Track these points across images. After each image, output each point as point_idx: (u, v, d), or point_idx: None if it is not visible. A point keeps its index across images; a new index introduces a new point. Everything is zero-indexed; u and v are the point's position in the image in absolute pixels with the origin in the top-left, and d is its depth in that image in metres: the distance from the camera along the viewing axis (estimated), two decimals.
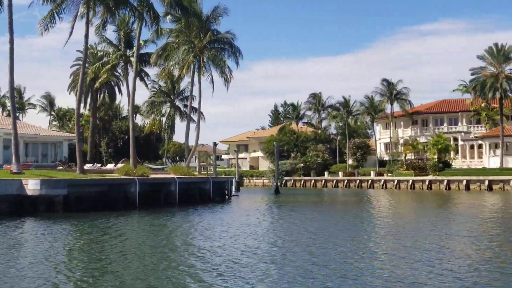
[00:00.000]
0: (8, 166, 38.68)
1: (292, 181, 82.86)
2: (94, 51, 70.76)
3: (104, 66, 63.84)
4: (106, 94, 74.59)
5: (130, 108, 47.52)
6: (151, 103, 73.88)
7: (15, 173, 33.07)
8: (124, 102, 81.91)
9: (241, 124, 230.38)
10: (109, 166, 53.26)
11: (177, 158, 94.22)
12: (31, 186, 29.14)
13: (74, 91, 72.43)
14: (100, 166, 54.41)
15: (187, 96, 70.05)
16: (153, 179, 38.29)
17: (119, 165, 46.85)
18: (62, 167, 49.57)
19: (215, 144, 60.85)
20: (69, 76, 76.48)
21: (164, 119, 76.61)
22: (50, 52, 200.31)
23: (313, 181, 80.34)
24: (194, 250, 17.07)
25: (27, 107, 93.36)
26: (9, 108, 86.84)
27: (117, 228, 23.04)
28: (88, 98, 73.31)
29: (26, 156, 55.16)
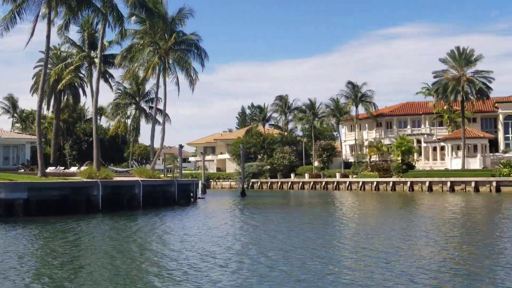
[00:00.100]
0: None
1: (259, 183, 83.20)
2: (57, 52, 69.56)
3: (68, 67, 62.73)
4: (70, 95, 73.38)
5: (93, 110, 46.88)
6: (116, 105, 72.98)
7: None
8: (89, 104, 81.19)
9: (209, 126, 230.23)
10: (73, 169, 52.37)
11: (143, 160, 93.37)
12: None
13: (36, 92, 70.90)
14: (64, 169, 53.54)
15: (152, 98, 69.58)
16: (117, 182, 37.81)
17: (83, 168, 46.15)
18: (24, 170, 48.61)
19: (181, 146, 60.52)
20: (32, 77, 75.13)
21: (129, 121, 75.92)
22: (13, 53, 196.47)
23: (279, 183, 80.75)
24: (149, 255, 16.88)
25: None
26: None
27: (74, 232, 22.68)
28: (51, 99, 72.06)
29: None
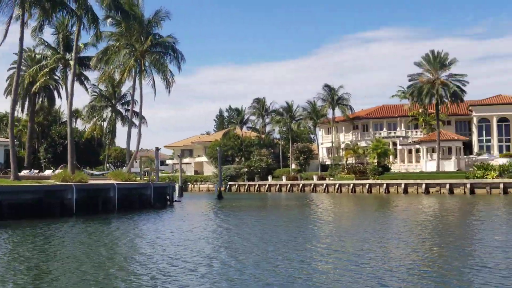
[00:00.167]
0: None
1: (237, 185, 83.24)
2: (32, 54, 68.70)
3: (42, 69, 62.01)
4: (45, 98, 72.44)
5: (68, 113, 46.43)
6: (92, 108, 72.29)
7: None
8: (64, 107, 79.85)
9: (187, 128, 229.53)
10: (47, 172, 51.78)
11: (119, 163, 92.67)
12: None
13: (10, 95, 69.97)
14: (38, 172, 52.85)
15: (128, 100, 69.10)
16: (91, 185, 37.51)
17: (57, 171, 45.68)
18: None
19: (157, 149, 60.05)
20: (6, 79, 74.11)
21: (105, 123, 75.21)
22: None
23: (257, 185, 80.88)
24: (119, 259, 16.69)
25: None
26: None
27: (44, 236, 22.39)
28: (26, 102, 71.10)
29: None
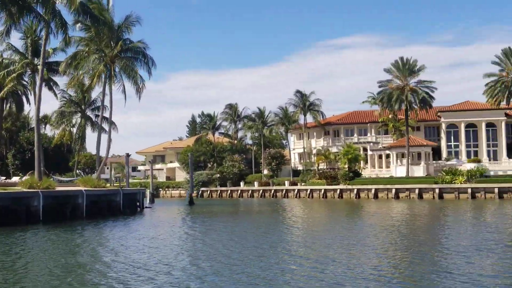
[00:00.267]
0: None
1: (209, 191, 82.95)
2: None
3: (10, 74, 60.88)
4: (13, 103, 71.18)
5: (35, 118, 45.75)
6: (61, 113, 71.30)
7: None
8: (33, 112, 78.58)
9: (159, 134, 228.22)
10: (15, 179, 51.11)
11: (89, 169, 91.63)
12: None
13: None
14: (5, 179, 52.09)
15: (99, 106, 68.33)
16: (59, 192, 36.94)
17: (25, 178, 44.98)
18: None
19: (127, 155, 59.63)
20: None
21: (74, 129, 74.29)
22: None
23: (229, 191, 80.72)
24: (77, 268, 16.39)
25: None
26: None
27: (4, 244, 21.88)
28: None
29: None
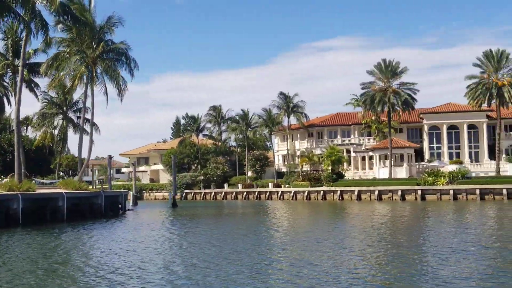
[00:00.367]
0: None
1: (193, 193, 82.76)
2: None
3: None
4: None
5: (15, 119, 45.17)
6: (42, 115, 70.52)
7: None
8: (14, 114, 77.61)
9: (145, 136, 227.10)
10: None
11: (70, 172, 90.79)
12: None
13: None
14: None
15: (81, 107, 67.70)
16: (39, 195, 36.52)
17: (5, 180, 44.38)
18: None
19: (110, 157, 59.30)
20: None
21: (56, 131, 73.47)
22: None
23: (213, 193, 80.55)
24: (46, 271, 16.10)
25: None
26: None
27: None
28: None
29: None
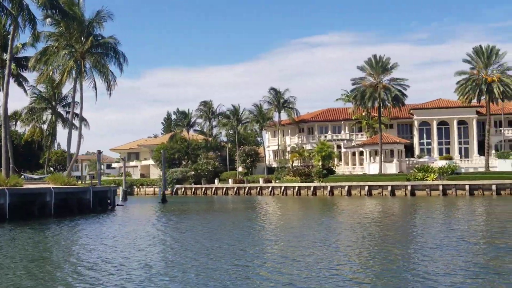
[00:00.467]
0: None
1: (183, 189, 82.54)
2: None
3: None
4: None
5: (2, 114, 44.82)
6: (31, 110, 70.06)
7: None
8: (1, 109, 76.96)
9: (137, 132, 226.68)
10: None
11: (60, 167, 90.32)
12: None
13: None
14: None
15: (70, 102, 67.31)
16: (26, 190, 36.30)
17: None
18: None
19: (99, 152, 59.01)
20: None
21: (45, 126, 72.99)
22: None
23: (203, 189, 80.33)
24: (24, 267, 15.93)
25: None
26: None
27: None
28: None
29: None
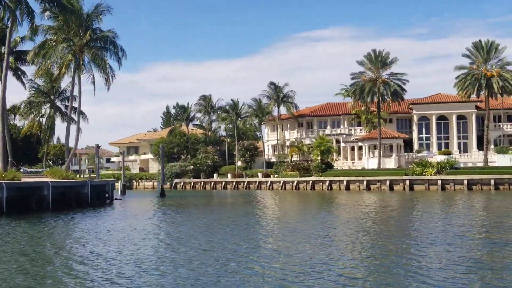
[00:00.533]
0: None
1: (182, 183, 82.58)
2: None
3: None
4: None
5: (0, 107, 44.64)
6: (30, 103, 69.94)
7: None
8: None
9: (136, 126, 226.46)
10: None
11: (59, 161, 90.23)
12: None
13: None
14: None
15: (68, 96, 67.24)
16: (24, 184, 36.37)
17: None
18: None
19: (97, 146, 58.93)
20: None
21: (44, 120, 72.89)
22: None
23: (202, 183, 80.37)
24: (15, 261, 15.94)
25: None
26: None
27: None
28: None
29: None
